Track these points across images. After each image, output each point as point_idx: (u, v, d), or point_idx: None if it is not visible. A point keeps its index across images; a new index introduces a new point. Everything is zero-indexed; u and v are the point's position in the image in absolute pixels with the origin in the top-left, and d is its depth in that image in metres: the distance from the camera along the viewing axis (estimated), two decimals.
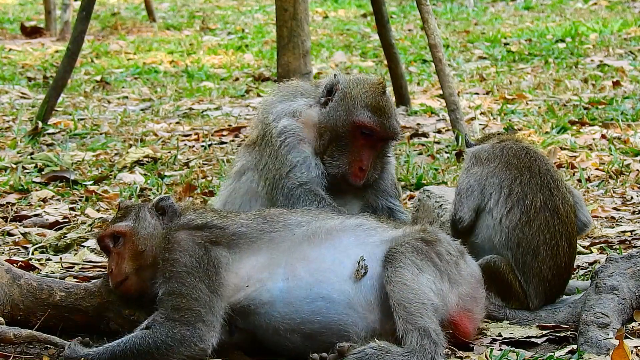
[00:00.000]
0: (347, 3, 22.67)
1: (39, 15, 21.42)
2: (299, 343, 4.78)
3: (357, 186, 5.72)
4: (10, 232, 7.20)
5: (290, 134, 5.72)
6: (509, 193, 5.40)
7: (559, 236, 5.39)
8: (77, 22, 10.10)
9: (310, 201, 5.55)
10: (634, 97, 11.28)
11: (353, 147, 5.68)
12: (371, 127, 5.65)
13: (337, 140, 5.68)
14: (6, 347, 4.96)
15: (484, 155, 5.56)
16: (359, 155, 5.67)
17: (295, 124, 5.75)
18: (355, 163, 5.67)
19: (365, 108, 5.66)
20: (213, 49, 16.74)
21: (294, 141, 5.71)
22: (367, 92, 5.70)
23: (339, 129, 5.68)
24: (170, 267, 4.85)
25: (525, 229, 5.35)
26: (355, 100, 5.68)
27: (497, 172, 5.46)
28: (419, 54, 15.24)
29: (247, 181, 5.83)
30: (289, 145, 5.71)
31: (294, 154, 5.68)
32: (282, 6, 9.18)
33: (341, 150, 5.68)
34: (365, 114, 5.65)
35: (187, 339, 4.70)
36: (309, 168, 5.67)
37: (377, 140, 5.70)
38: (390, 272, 4.75)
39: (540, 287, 5.38)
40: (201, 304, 4.75)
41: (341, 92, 5.72)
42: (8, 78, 14.11)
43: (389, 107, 5.71)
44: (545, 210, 5.38)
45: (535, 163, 5.49)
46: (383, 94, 5.73)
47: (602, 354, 4.65)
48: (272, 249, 4.92)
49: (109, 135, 10.33)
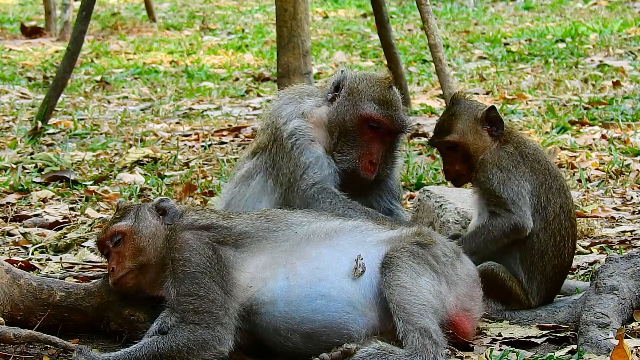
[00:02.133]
0: (347, 3, 22.67)
1: (39, 15, 21.41)
2: (299, 343, 4.79)
3: (368, 180, 5.70)
4: (10, 232, 7.20)
5: (301, 135, 5.74)
6: (538, 199, 5.43)
7: (567, 237, 5.41)
8: (77, 22, 10.11)
9: (323, 199, 5.57)
10: (634, 97, 11.28)
11: (362, 141, 5.69)
12: (378, 119, 5.66)
13: (346, 135, 5.70)
14: (6, 347, 4.96)
15: (505, 162, 5.48)
16: (368, 149, 5.68)
17: (305, 124, 5.77)
18: (365, 157, 5.68)
19: (372, 101, 5.68)
20: (213, 49, 16.74)
21: (305, 142, 5.73)
22: (374, 85, 5.72)
23: (347, 123, 5.69)
24: (182, 268, 4.85)
25: (540, 234, 5.40)
26: (362, 94, 5.70)
27: (528, 178, 5.46)
28: (419, 54, 15.24)
29: (256, 185, 5.84)
30: (300, 146, 5.72)
31: (306, 155, 5.70)
32: (282, 6, 9.17)
33: (350, 145, 5.69)
34: (372, 106, 5.66)
35: (208, 342, 4.73)
36: (322, 167, 5.68)
37: (386, 133, 5.71)
38: (388, 276, 4.77)
39: (542, 285, 5.40)
40: (218, 306, 4.76)
41: (348, 87, 5.75)
42: (8, 78, 14.11)
43: (396, 100, 5.73)
44: (561, 214, 5.42)
45: (550, 165, 5.54)
46: (390, 88, 5.75)
47: (602, 354, 4.66)
48: (274, 248, 4.94)
49: (109, 135, 10.33)
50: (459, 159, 5.52)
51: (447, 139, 5.51)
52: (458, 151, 5.51)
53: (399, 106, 5.73)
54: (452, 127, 5.51)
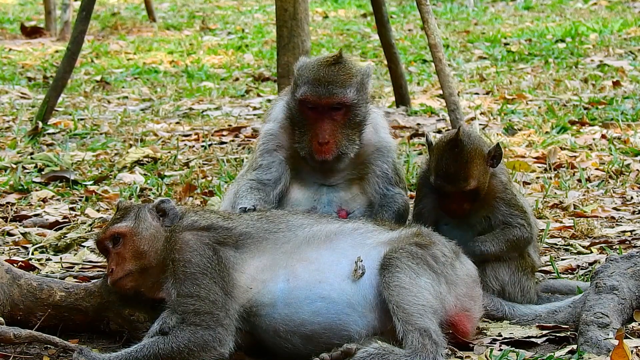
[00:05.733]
0: (347, 3, 22.68)
1: (39, 15, 21.42)
2: (299, 345, 4.78)
3: (326, 161, 5.57)
4: (10, 232, 7.20)
5: (267, 140, 5.75)
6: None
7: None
8: (77, 22, 10.10)
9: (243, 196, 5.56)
10: (634, 97, 11.28)
11: (308, 125, 5.59)
12: (310, 99, 5.54)
13: (298, 124, 5.64)
14: (6, 347, 4.96)
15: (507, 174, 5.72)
16: (314, 131, 5.57)
17: (275, 128, 5.76)
18: (313, 139, 5.57)
19: (306, 83, 5.56)
20: (213, 49, 16.74)
21: (269, 147, 5.73)
22: (312, 67, 5.59)
23: (293, 112, 5.65)
24: (183, 268, 4.85)
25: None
26: (299, 79, 5.61)
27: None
28: (419, 54, 15.25)
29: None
30: (262, 151, 5.74)
31: (264, 157, 5.71)
32: (282, 6, 9.18)
33: (302, 132, 5.62)
34: (304, 88, 5.55)
35: (209, 343, 4.73)
36: (269, 170, 5.67)
37: (326, 111, 5.55)
38: (387, 277, 4.77)
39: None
40: (218, 307, 4.76)
41: (294, 77, 5.68)
42: (8, 78, 14.11)
43: (330, 76, 5.54)
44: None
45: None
46: (329, 65, 5.58)
47: (602, 354, 4.65)
48: (275, 250, 4.93)
49: (109, 135, 10.33)
50: (470, 197, 5.51)
51: (468, 188, 5.47)
52: (470, 192, 5.51)
53: (333, 81, 5.53)
54: (469, 175, 5.45)
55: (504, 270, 5.55)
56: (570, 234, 6.91)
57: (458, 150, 5.45)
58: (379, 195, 5.74)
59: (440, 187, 5.49)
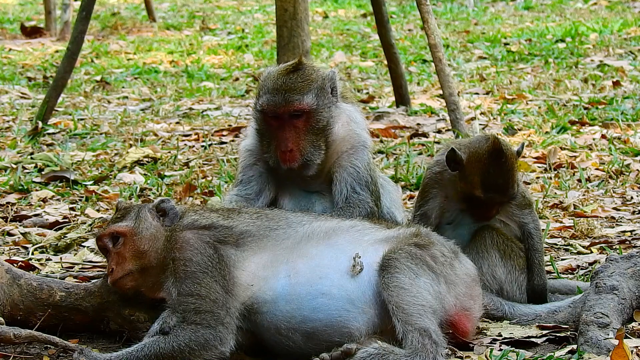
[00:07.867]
0: (347, 3, 22.68)
1: (39, 15, 21.43)
2: (299, 342, 4.78)
3: (292, 169, 5.55)
4: (10, 232, 7.20)
5: (245, 156, 5.77)
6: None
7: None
8: (77, 22, 10.11)
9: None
10: (634, 97, 11.28)
11: (272, 134, 5.58)
12: (267, 109, 5.53)
13: (264, 135, 5.64)
14: (6, 347, 4.96)
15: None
16: (277, 140, 5.55)
17: (251, 143, 5.77)
18: (277, 148, 5.55)
19: (266, 93, 5.55)
20: (213, 49, 16.74)
21: (248, 162, 5.75)
22: (272, 76, 5.58)
23: (259, 123, 5.65)
24: (184, 267, 4.85)
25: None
26: (261, 90, 5.61)
27: None
28: (419, 54, 15.25)
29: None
30: (242, 167, 5.76)
31: (244, 172, 5.73)
32: (282, 6, 9.18)
33: (268, 142, 5.62)
34: (263, 98, 5.55)
35: (210, 342, 4.73)
36: (249, 185, 5.68)
37: (287, 119, 5.52)
38: (386, 278, 4.77)
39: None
40: (219, 306, 4.76)
41: (258, 87, 5.68)
42: (8, 78, 14.12)
43: (287, 84, 5.52)
44: None
45: None
46: (287, 74, 5.56)
47: (602, 354, 4.65)
48: (275, 247, 4.94)
49: (109, 135, 10.33)
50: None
51: (516, 194, 5.48)
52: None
53: (290, 88, 5.50)
54: (515, 181, 5.44)
55: (501, 268, 5.55)
56: (570, 234, 6.91)
57: (504, 160, 5.41)
58: (342, 197, 5.65)
59: (491, 200, 5.46)
